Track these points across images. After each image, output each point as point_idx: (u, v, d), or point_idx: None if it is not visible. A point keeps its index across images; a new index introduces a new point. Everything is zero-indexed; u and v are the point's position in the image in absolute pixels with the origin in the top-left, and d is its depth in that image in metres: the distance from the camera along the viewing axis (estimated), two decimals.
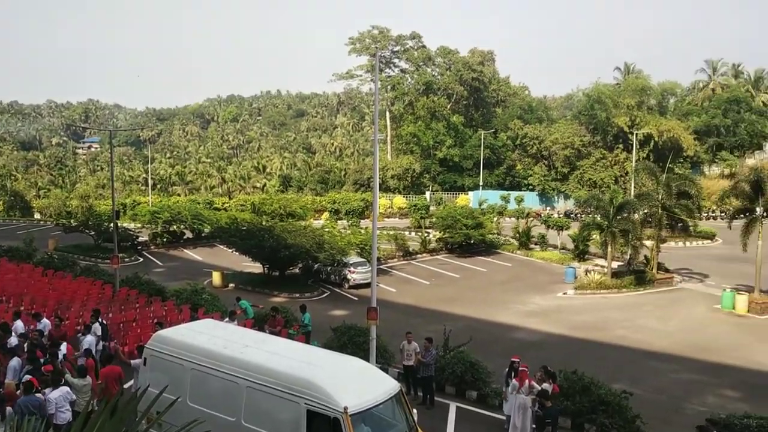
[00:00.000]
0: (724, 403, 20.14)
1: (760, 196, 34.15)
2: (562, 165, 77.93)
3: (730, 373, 24.03)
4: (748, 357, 25.93)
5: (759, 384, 22.82)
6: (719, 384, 22.84)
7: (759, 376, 23.87)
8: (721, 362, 25.22)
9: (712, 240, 56.82)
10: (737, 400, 20.72)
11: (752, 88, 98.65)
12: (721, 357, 25.82)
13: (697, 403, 20.52)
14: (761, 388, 22.26)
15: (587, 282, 37.37)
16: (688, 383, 22.87)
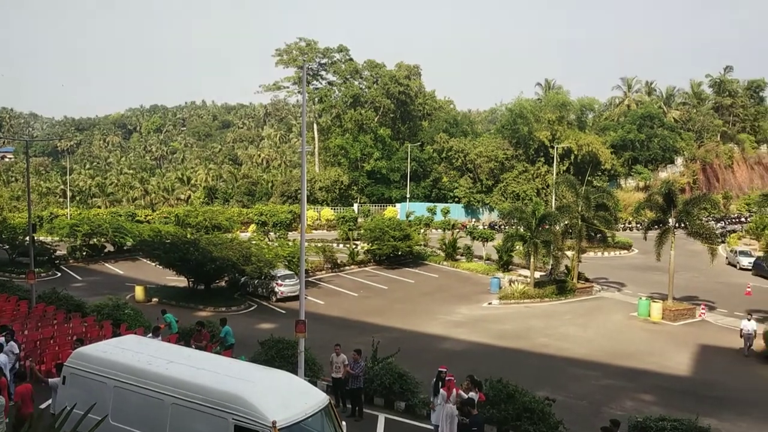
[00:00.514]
0: (640, 406, 20.97)
1: (672, 208, 35.88)
2: (486, 177, 79.59)
3: (646, 378, 25.06)
4: (662, 362, 27.11)
5: (672, 388, 23.90)
6: (636, 388, 23.76)
7: (672, 380, 25.01)
8: (638, 368, 26.29)
9: (628, 250, 59.20)
10: (653, 403, 21.61)
11: (664, 104, 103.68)
12: (638, 362, 26.92)
13: (616, 407, 21.28)
14: (674, 392, 23.33)
15: (511, 292, 38.27)
16: (608, 388, 23.70)
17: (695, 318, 35.00)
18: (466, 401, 15.86)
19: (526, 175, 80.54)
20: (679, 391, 23.49)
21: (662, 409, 18.71)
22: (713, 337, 31.54)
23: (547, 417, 17.20)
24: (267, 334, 23.73)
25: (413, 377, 20.14)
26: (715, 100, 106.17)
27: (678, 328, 33.13)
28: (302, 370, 17.93)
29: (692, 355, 28.32)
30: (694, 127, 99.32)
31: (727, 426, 19.34)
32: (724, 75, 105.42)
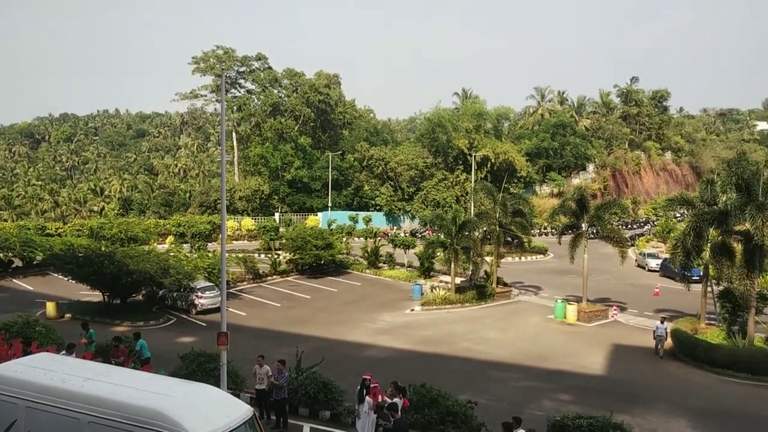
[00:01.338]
0: (558, 406, 21.63)
1: (584, 213, 37.25)
2: (407, 185, 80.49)
3: (563, 378, 25.91)
4: (578, 362, 28.09)
5: (588, 387, 24.80)
6: (554, 389, 24.51)
7: (588, 379, 25.95)
8: (555, 368, 27.14)
9: (544, 254, 61.05)
10: (570, 402, 22.35)
11: (575, 113, 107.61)
12: (555, 363, 27.79)
13: (535, 407, 21.90)
14: (590, 391, 24.21)
15: (433, 298, 38.78)
16: (527, 390, 24.36)
17: (608, 319, 36.42)
18: (388, 405, 15.99)
19: (445, 182, 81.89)
20: (594, 390, 24.38)
21: (579, 408, 19.35)
22: (625, 336, 32.91)
23: (470, 420, 17.55)
24: (187, 347, 23.21)
25: (338, 386, 20.13)
26: (622, 109, 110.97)
27: (592, 329, 34.39)
28: (225, 382, 17.65)
29: (606, 355, 29.45)
30: (604, 135, 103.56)
31: (638, 420, 20.20)
32: (630, 86, 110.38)
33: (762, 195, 28.39)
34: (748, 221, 28.10)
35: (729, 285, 30.99)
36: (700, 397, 24.48)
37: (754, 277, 28.73)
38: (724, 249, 30.48)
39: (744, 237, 29.14)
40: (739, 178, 29.09)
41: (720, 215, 30.42)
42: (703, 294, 33.37)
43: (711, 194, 33.08)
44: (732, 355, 27.52)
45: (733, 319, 30.79)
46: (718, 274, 31.75)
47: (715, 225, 31.16)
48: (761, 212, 27.47)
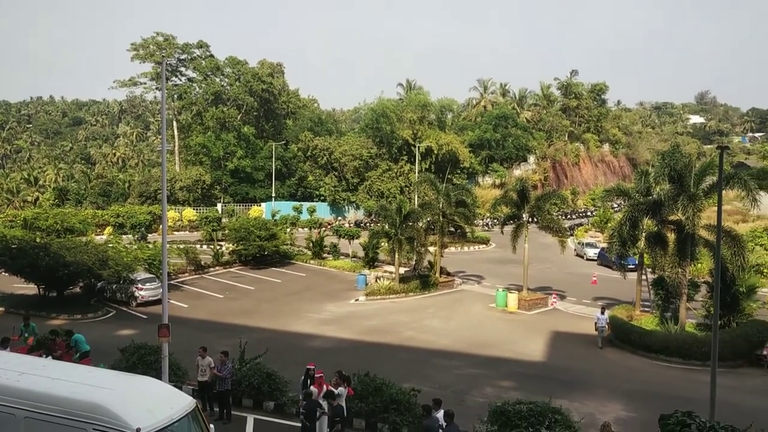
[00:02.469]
0: (499, 392, 22.05)
1: (525, 204, 37.97)
2: (351, 176, 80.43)
3: (505, 365, 26.46)
4: (518, 350, 28.71)
5: (528, 373, 25.37)
6: (496, 376, 25.00)
7: (528, 366, 26.55)
8: (497, 356, 27.68)
9: (486, 244, 61.99)
10: (511, 389, 22.82)
11: (517, 105, 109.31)
12: (496, 351, 28.34)
13: (478, 394, 22.32)
14: (530, 377, 24.77)
15: (377, 288, 38.99)
16: (469, 377, 24.77)
17: (548, 307, 37.30)
18: (325, 393, 16.14)
19: (389, 173, 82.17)
20: (535, 376, 24.96)
21: (520, 394, 19.76)
22: (564, 324, 33.76)
23: (413, 407, 17.77)
24: (128, 340, 22.78)
25: (282, 376, 20.10)
26: (563, 102, 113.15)
27: (532, 317, 35.16)
28: (166, 375, 17.42)
29: (546, 342, 30.17)
30: (545, 127, 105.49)
31: (576, 405, 20.78)
32: (570, 79, 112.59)
33: (693, 186, 29.47)
34: (680, 211, 29.17)
35: (662, 273, 32.09)
36: (635, 381, 25.34)
37: (686, 265, 29.83)
38: (658, 238, 31.55)
39: (676, 226, 30.22)
40: (672, 170, 30.12)
41: (654, 205, 31.44)
42: (638, 282, 34.49)
43: (646, 185, 34.17)
44: (664, 340, 28.56)
45: (666, 305, 31.96)
46: (653, 262, 32.86)
47: (649, 215, 32.20)
48: (692, 203, 28.55)
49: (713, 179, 29.18)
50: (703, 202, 29.48)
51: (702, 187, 29.74)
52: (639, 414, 20.68)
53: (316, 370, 17.84)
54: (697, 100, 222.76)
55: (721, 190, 18.44)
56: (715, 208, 19.07)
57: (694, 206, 28.62)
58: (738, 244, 28.49)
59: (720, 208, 17.98)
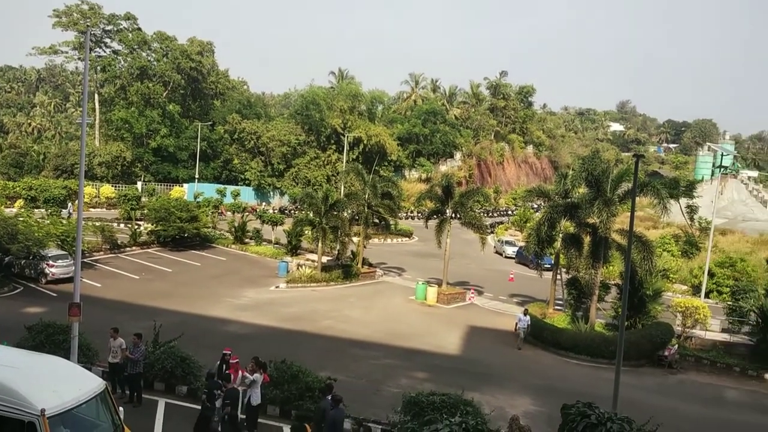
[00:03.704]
0: (414, 383, 22.37)
1: (449, 200, 38.56)
2: (278, 162, 79.53)
3: (421, 357, 26.88)
4: (435, 342, 29.22)
5: (443, 365, 25.87)
6: (411, 367, 25.38)
7: (443, 358, 27.08)
8: (414, 347, 28.09)
9: (410, 237, 62.60)
10: (426, 380, 23.20)
11: (447, 102, 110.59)
12: (414, 343, 28.75)
13: (393, 385, 22.59)
14: (446, 369, 25.26)
15: (299, 276, 38.85)
16: (386, 367, 25.04)
17: (466, 301, 38.03)
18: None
19: (317, 161, 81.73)
20: (449, 368, 25.46)
21: (434, 386, 20.09)
22: (480, 318, 34.56)
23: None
24: (35, 318, 21.88)
25: (196, 361, 19.81)
26: (491, 101, 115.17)
27: (450, 311, 35.81)
28: (75, 355, 16.89)
29: (462, 336, 30.82)
30: (472, 125, 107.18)
31: (487, 398, 21.31)
32: (499, 79, 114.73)
33: (609, 191, 30.64)
34: (595, 215, 30.30)
35: (576, 273, 33.29)
36: (545, 376, 26.23)
37: (598, 267, 31.04)
38: (574, 240, 32.67)
39: (592, 229, 31.36)
40: (590, 175, 31.23)
41: (572, 208, 32.54)
42: (553, 281, 35.64)
43: (565, 188, 35.28)
44: (574, 338, 29.66)
45: (578, 305, 33.18)
46: (567, 263, 34.05)
47: (567, 217, 33.31)
48: (607, 207, 29.70)
49: (628, 186, 30.42)
50: (617, 207, 30.71)
51: (617, 192, 30.95)
52: (546, 408, 21.38)
53: (232, 355, 17.67)
54: (618, 108, 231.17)
55: (635, 196, 19.26)
56: (629, 213, 19.89)
57: (609, 211, 29.78)
58: (648, 249, 29.84)
59: (633, 214, 18.77)
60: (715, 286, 42.63)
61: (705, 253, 43.72)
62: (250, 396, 16.43)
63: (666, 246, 52.11)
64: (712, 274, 42.89)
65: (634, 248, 28.86)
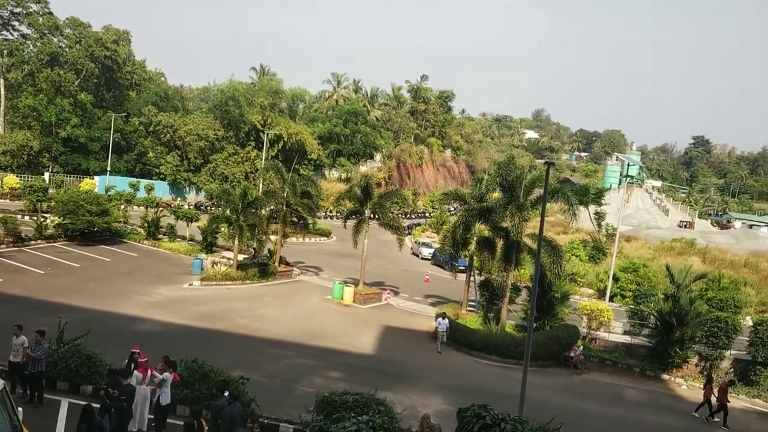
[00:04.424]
0: (329, 383, 22.43)
1: (368, 200, 38.80)
2: (195, 156, 77.90)
3: (336, 357, 26.95)
4: (350, 342, 29.36)
5: (357, 365, 26.04)
6: (326, 366, 25.40)
7: (358, 358, 27.26)
8: (329, 347, 28.13)
9: (328, 237, 62.59)
10: (340, 379, 23.30)
11: (368, 103, 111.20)
12: (329, 342, 28.79)
13: (307, 384, 22.56)
14: (359, 369, 25.44)
15: (213, 273, 38.17)
16: (300, 367, 24.98)
17: (381, 302, 38.39)
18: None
19: (236, 157, 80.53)
20: (364, 368, 25.65)
21: (348, 385, 20.23)
22: (395, 319, 34.96)
23: (241, 395, 17.65)
24: None
25: (103, 359, 19.20)
26: (411, 104, 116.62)
27: (366, 311, 36.05)
28: None
29: (377, 336, 31.09)
30: (393, 127, 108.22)
31: (399, 397, 21.62)
32: (420, 83, 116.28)
33: (522, 197, 31.59)
34: (508, 219, 31.19)
35: (489, 276, 34.16)
36: (457, 376, 26.82)
37: (510, 269, 31.95)
38: (488, 243, 33.53)
39: (505, 233, 32.25)
40: (504, 180, 32.13)
41: (486, 212, 33.36)
42: (467, 283, 36.42)
43: (480, 192, 36.13)
44: (486, 339, 30.44)
45: (490, 306, 34.05)
46: (481, 265, 34.90)
47: (481, 220, 34.12)
48: (520, 212, 30.63)
49: (540, 191, 31.45)
50: (529, 212, 31.70)
51: (530, 198, 31.95)
52: (456, 407, 21.80)
53: (141, 354, 17.25)
54: (534, 116, 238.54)
55: (545, 202, 19.97)
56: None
57: (521, 215, 30.72)
58: (557, 254, 30.93)
59: (543, 219, 19.47)
60: (619, 290, 44.67)
61: (610, 259, 45.68)
62: (160, 396, 16.10)
63: (574, 251, 54.15)
64: (617, 278, 44.90)
65: (544, 252, 29.93)
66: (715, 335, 30.91)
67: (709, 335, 31.07)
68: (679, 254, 60.34)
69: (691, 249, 63.72)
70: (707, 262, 56.56)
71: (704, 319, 30.83)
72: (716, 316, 31.57)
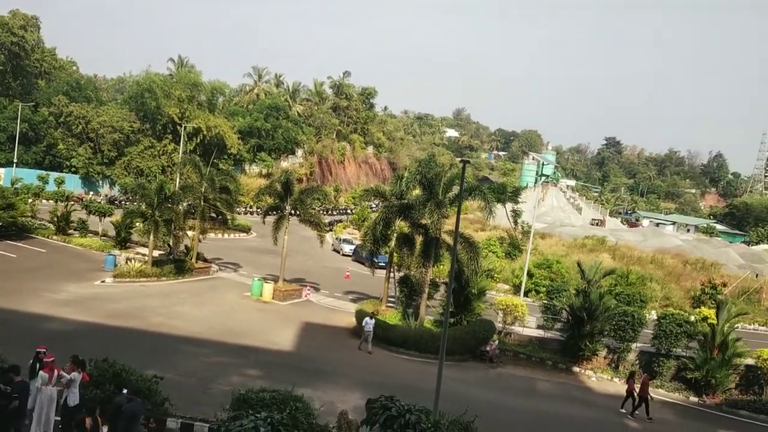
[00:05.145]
0: (246, 381, 22.15)
1: (288, 196, 38.53)
2: (109, 149, 75.28)
3: (254, 354, 26.70)
4: (268, 339, 29.13)
5: (276, 362, 25.88)
6: (244, 364, 25.12)
7: (277, 355, 27.09)
8: (247, 344, 27.82)
9: (247, 233, 61.79)
10: (258, 377, 23.08)
11: (290, 98, 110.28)
12: (247, 340, 28.46)
13: (224, 383, 22.21)
14: (279, 366, 25.30)
15: (127, 270, 37.04)
16: (217, 365, 24.60)
17: (301, 298, 38.24)
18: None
19: (152, 150, 78.31)
20: (282, 365, 25.51)
21: (266, 382, 20.04)
22: (315, 315, 34.89)
23: (154, 394, 17.25)
24: None
25: (6, 359, 18.32)
26: (334, 100, 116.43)
27: (286, 308, 35.81)
28: None
29: (296, 332, 30.95)
30: (315, 123, 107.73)
31: (319, 394, 21.61)
32: (343, 79, 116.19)
33: (441, 194, 32.09)
34: (427, 216, 31.61)
35: (408, 272, 34.55)
36: (376, 372, 27.00)
37: (429, 265, 32.40)
38: (407, 239, 33.91)
39: (424, 230, 32.68)
40: (424, 177, 32.55)
41: (406, 209, 33.70)
42: (387, 279, 36.71)
43: (401, 189, 36.47)
44: (405, 335, 30.77)
45: (409, 302, 34.45)
46: (400, 261, 35.26)
47: (402, 217, 34.44)
48: (438, 209, 31.11)
49: (458, 189, 32.03)
50: (448, 209, 32.24)
51: (449, 195, 32.49)
52: None
53: (47, 353, 16.58)
54: (454, 115, 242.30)
55: (461, 200, 20.40)
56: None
57: (440, 212, 31.20)
58: (474, 250, 31.58)
59: (459, 216, 19.86)
60: (534, 285, 46.00)
61: (526, 255, 46.99)
62: (67, 396, 15.54)
63: (492, 247, 55.38)
64: (531, 274, 46.23)
65: (462, 249, 30.51)
66: (622, 329, 32.24)
67: (616, 329, 32.38)
68: (590, 251, 62.63)
69: (602, 246, 66.30)
70: (617, 259, 58.96)
71: (612, 314, 32.14)
72: (623, 310, 32.96)
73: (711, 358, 29.98)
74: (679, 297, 48.75)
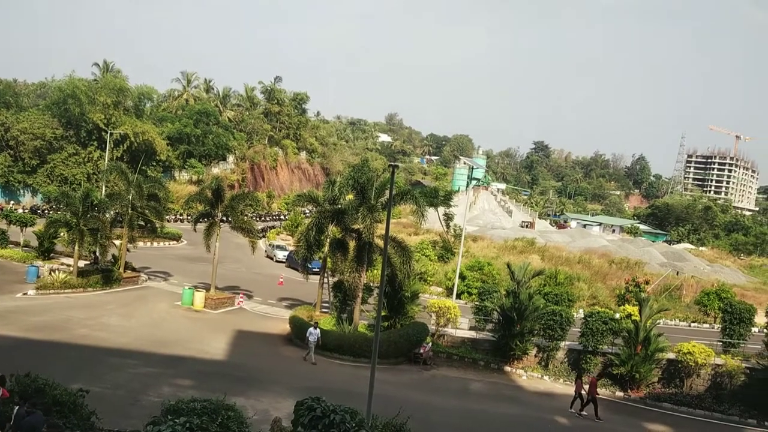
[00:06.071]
0: (177, 391, 21.73)
1: (219, 203, 38.03)
2: (30, 157, 72.49)
3: (185, 364, 26.22)
4: (200, 348, 28.67)
5: (208, 371, 25.48)
6: (175, 374, 24.65)
7: (208, 364, 26.69)
8: (178, 354, 27.31)
9: (178, 241, 60.56)
10: (190, 387, 22.65)
11: (220, 104, 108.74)
12: (178, 350, 27.94)
13: (154, 394, 21.76)
14: (211, 375, 24.91)
15: (51, 281, 35.83)
16: (147, 376, 24.05)
17: (234, 306, 37.76)
18: None
19: (76, 158, 75.78)
20: (215, 374, 25.12)
21: (198, 392, 19.71)
22: (248, 323, 34.53)
23: (79, 409, 16.76)
24: None
25: None
26: (265, 106, 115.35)
27: (218, 316, 35.30)
28: None
29: (229, 341, 30.56)
30: (246, 129, 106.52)
31: (251, 402, 21.43)
32: (274, 84, 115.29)
33: (373, 199, 32.26)
34: (360, 221, 31.73)
35: (342, 277, 34.57)
36: (311, 378, 26.91)
37: (362, 270, 32.51)
38: (340, 244, 33.94)
39: (357, 235, 32.79)
40: (356, 182, 32.67)
41: (339, 214, 33.77)
42: (320, 284, 36.66)
43: (333, 194, 36.50)
44: (339, 339, 30.78)
45: (344, 307, 34.45)
46: (334, 266, 35.23)
47: (335, 222, 34.49)
48: (371, 213, 31.26)
49: None
50: (380, 214, 32.38)
51: (381, 200, 32.66)
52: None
53: None
54: (387, 120, 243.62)
55: (391, 204, 20.60)
56: (393, 219, 21.19)
57: (373, 217, 31.35)
58: (406, 254, 31.86)
59: (389, 220, 20.05)
60: (466, 287, 46.73)
61: (458, 258, 47.68)
62: None
63: (424, 251, 55.99)
64: (463, 276, 46.96)
65: (394, 253, 30.76)
66: (551, 328, 33.09)
67: (545, 328, 33.21)
68: (521, 252, 64.09)
69: (531, 247, 67.92)
70: (546, 260, 60.50)
71: (542, 313, 32.96)
72: (552, 309, 33.82)
73: (635, 353, 31.06)
74: (605, 295, 50.32)
